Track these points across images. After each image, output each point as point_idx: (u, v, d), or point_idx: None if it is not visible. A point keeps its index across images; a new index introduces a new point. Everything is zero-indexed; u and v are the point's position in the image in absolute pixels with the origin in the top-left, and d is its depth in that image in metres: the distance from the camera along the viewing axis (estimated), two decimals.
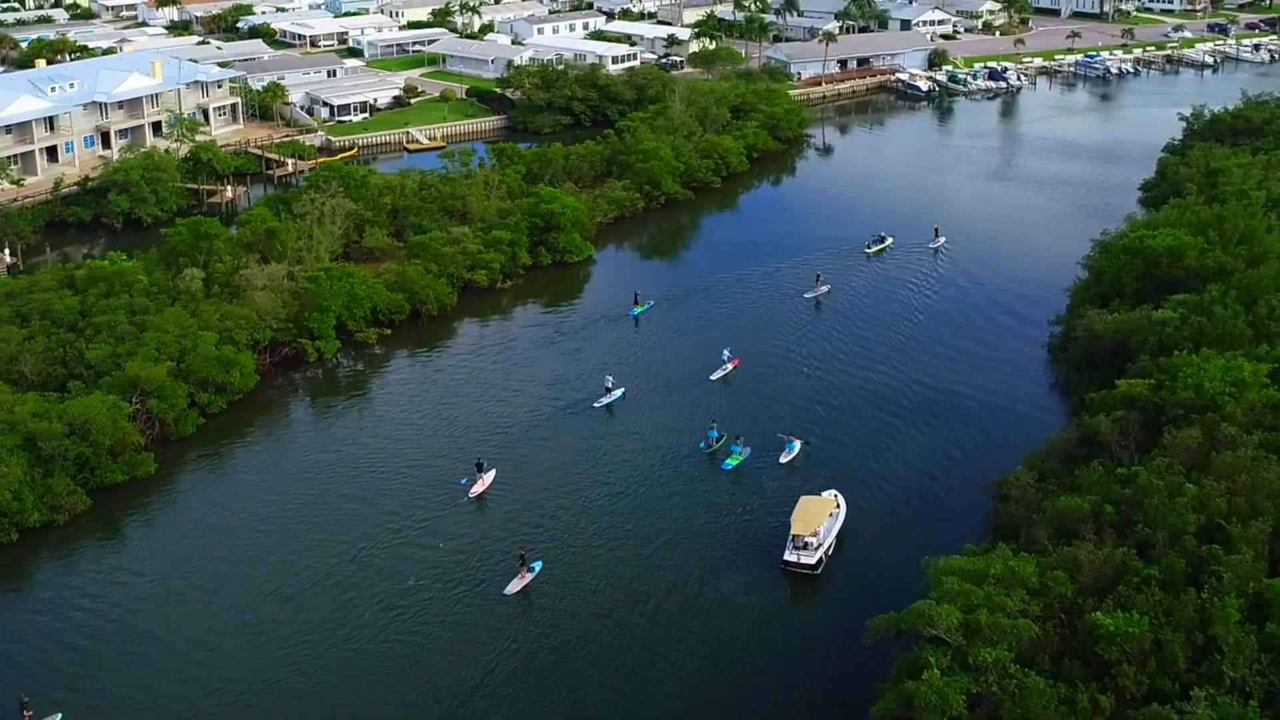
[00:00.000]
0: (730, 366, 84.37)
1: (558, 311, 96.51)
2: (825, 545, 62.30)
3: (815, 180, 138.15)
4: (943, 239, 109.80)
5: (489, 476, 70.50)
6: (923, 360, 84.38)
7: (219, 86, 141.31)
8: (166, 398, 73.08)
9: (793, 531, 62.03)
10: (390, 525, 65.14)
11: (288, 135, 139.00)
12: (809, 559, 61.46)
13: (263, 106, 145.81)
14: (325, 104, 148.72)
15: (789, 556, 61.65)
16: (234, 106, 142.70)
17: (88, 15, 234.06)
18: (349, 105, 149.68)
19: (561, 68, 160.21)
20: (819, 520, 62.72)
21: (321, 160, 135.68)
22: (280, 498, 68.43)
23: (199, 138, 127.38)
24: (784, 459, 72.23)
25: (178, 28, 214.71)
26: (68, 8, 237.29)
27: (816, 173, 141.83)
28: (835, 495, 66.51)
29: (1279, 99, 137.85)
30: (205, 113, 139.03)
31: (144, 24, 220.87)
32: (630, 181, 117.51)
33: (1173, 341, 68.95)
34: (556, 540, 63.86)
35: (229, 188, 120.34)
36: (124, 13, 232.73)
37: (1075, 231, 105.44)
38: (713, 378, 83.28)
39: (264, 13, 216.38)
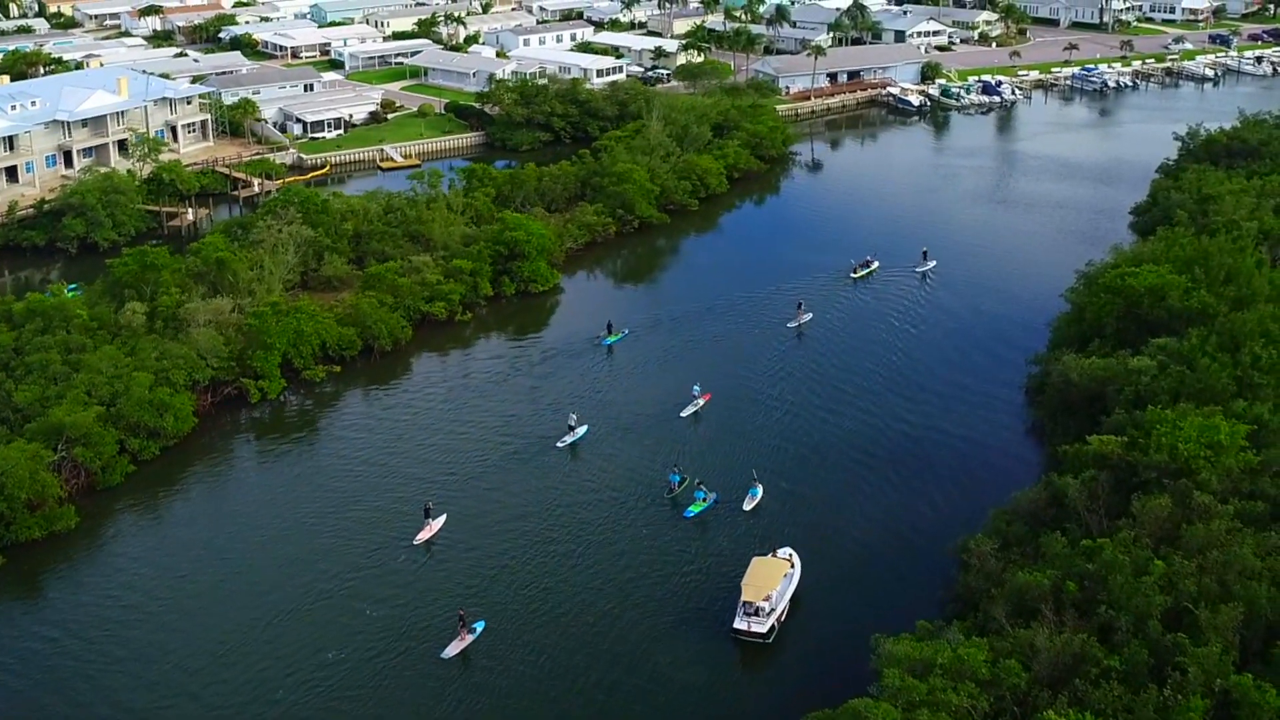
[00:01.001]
0: (701, 402, 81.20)
1: (521, 344, 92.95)
2: (778, 611, 58.85)
3: (800, 200, 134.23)
4: (932, 262, 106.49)
5: (437, 523, 67.30)
6: (898, 401, 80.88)
7: (188, 103, 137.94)
8: (94, 445, 69.59)
9: (743, 598, 58.52)
10: (326, 580, 61.76)
11: (258, 153, 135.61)
12: (760, 627, 57.97)
13: (233, 123, 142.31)
14: (298, 120, 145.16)
15: (739, 624, 58.15)
16: (204, 123, 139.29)
17: (70, 24, 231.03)
18: (323, 121, 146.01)
19: (543, 82, 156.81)
20: (772, 584, 59.21)
21: (290, 179, 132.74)
22: (207, 552, 64.87)
23: (164, 156, 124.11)
24: (748, 505, 69.14)
25: (160, 38, 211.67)
26: (50, 17, 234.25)
27: (802, 192, 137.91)
28: (790, 555, 62.96)
29: (1278, 117, 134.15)
30: (174, 130, 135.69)
31: (127, 33, 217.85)
32: (603, 205, 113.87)
33: (1150, 393, 65.31)
34: (502, 597, 60.59)
35: (190, 210, 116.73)
36: (108, 22, 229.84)
37: (1063, 258, 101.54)
38: (683, 414, 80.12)
39: (247, 22, 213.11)
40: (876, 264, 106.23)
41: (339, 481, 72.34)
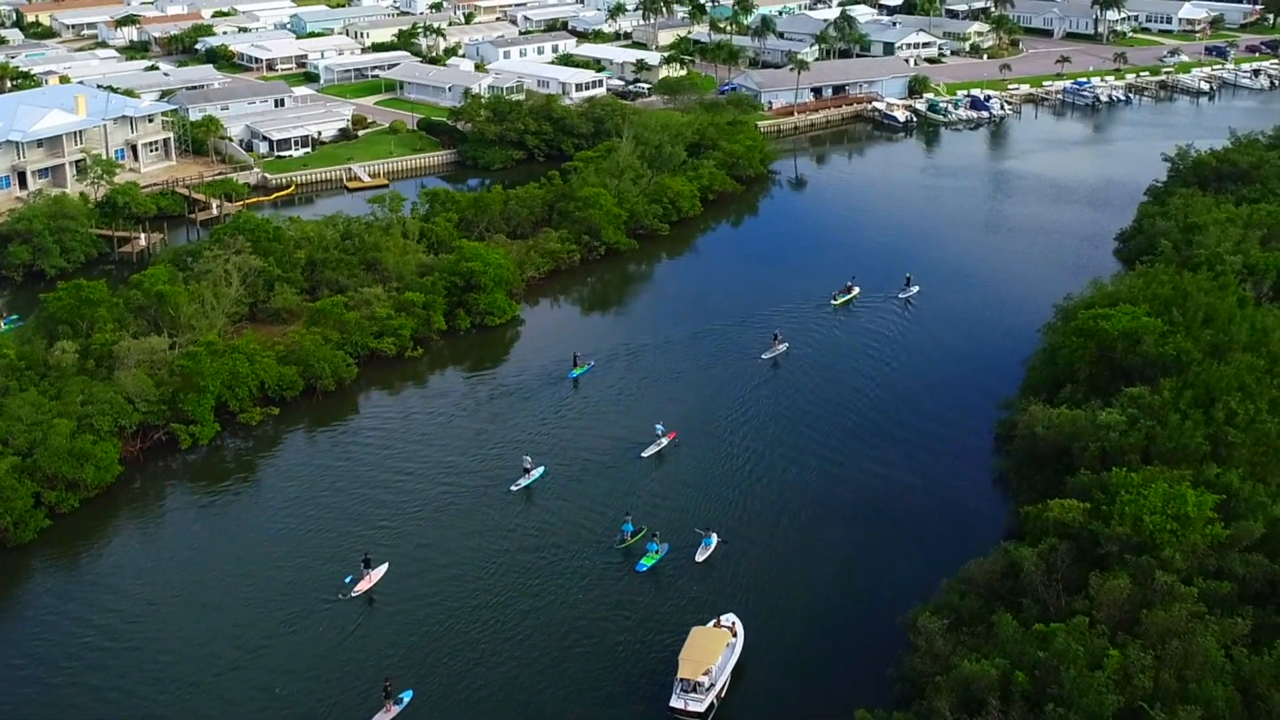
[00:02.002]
0: (665, 441, 77.83)
1: (475, 381, 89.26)
2: (718, 686, 55.21)
3: (779, 222, 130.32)
4: (914, 288, 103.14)
5: (378, 573, 64.05)
6: (865, 447, 77.30)
7: (149, 121, 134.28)
8: (5, 499, 65.95)
9: (680, 674, 54.85)
10: (240, 648, 58.13)
11: (221, 173, 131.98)
12: (697, 706, 54.30)
13: (198, 141, 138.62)
14: (264, 138, 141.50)
15: (675, 703, 54.44)
16: (166, 142, 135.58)
17: (48, 34, 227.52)
18: (290, 139, 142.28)
19: (518, 98, 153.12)
20: (711, 658, 55.54)
21: (253, 200, 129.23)
22: (115, 616, 61.11)
23: (124, 176, 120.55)
24: (700, 557, 65.77)
25: (136, 49, 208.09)
26: (27, 27, 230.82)
27: (781, 214, 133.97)
28: (734, 623, 59.27)
29: (1270, 137, 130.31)
30: (134, 149, 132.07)
31: (103, 44, 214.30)
32: (568, 231, 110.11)
33: (1118, 450, 61.59)
34: (434, 662, 57.25)
35: (143, 235, 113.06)
36: (85, 32, 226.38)
37: (1046, 287, 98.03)
38: (645, 454, 76.74)
39: (225, 33, 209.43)
40: (857, 289, 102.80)
41: (271, 532, 68.81)
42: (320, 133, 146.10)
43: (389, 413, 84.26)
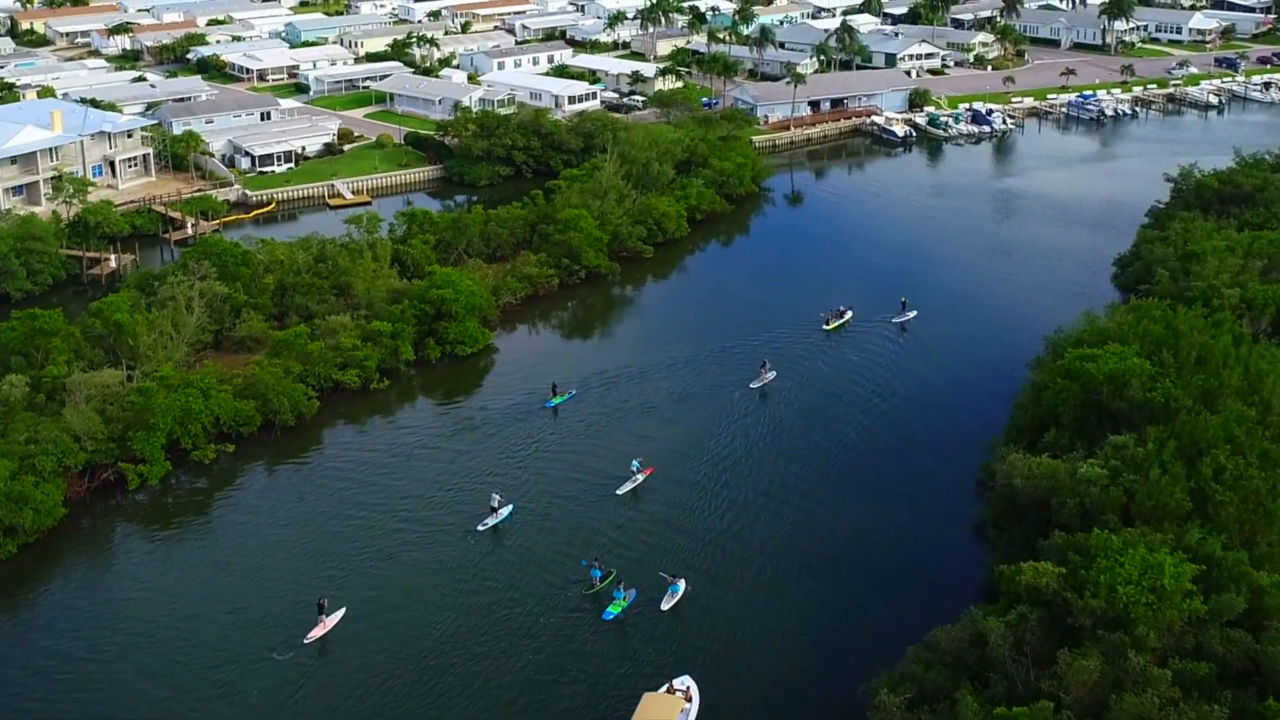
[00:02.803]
0: (641, 478, 75.10)
1: (444, 414, 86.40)
2: None
3: (771, 242, 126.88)
4: (911, 313, 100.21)
5: (333, 619, 61.54)
6: (845, 490, 74.22)
7: (128, 136, 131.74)
8: None
9: None
10: (192, 690, 55.89)
11: (200, 189, 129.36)
12: None
13: (178, 156, 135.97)
14: (247, 153, 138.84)
15: None
16: (145, 157, 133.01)
17: (42, 42, 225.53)
18: (272, 154, 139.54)
19: (510, 111, 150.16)
20: None
21: (232, 218, 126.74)
22: (54, 663, 58.56)
23: (103, 193, 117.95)
24: (666, 605, 63.01)
25: (129, 58, 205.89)
26: (22, 34, 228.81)
27: (773, 233, 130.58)
28: (688, 687, 56.29)
29: (1277, 156, 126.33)
30: (112, 165, 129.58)
31: (96, 52, 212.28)
32: (548, 254, 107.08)
33: (1098, 507, 58.29)
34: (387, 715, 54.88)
35: (113, 256, 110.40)
36: (79, 40, 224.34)
37: (1043, 315, 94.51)
38: (620, 491, 74.04)
39: (218, 41, 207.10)
40: (850, 314, 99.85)
41: (221, 576, 66.12)
42: (304, 147, 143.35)
43: (351, 448, 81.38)
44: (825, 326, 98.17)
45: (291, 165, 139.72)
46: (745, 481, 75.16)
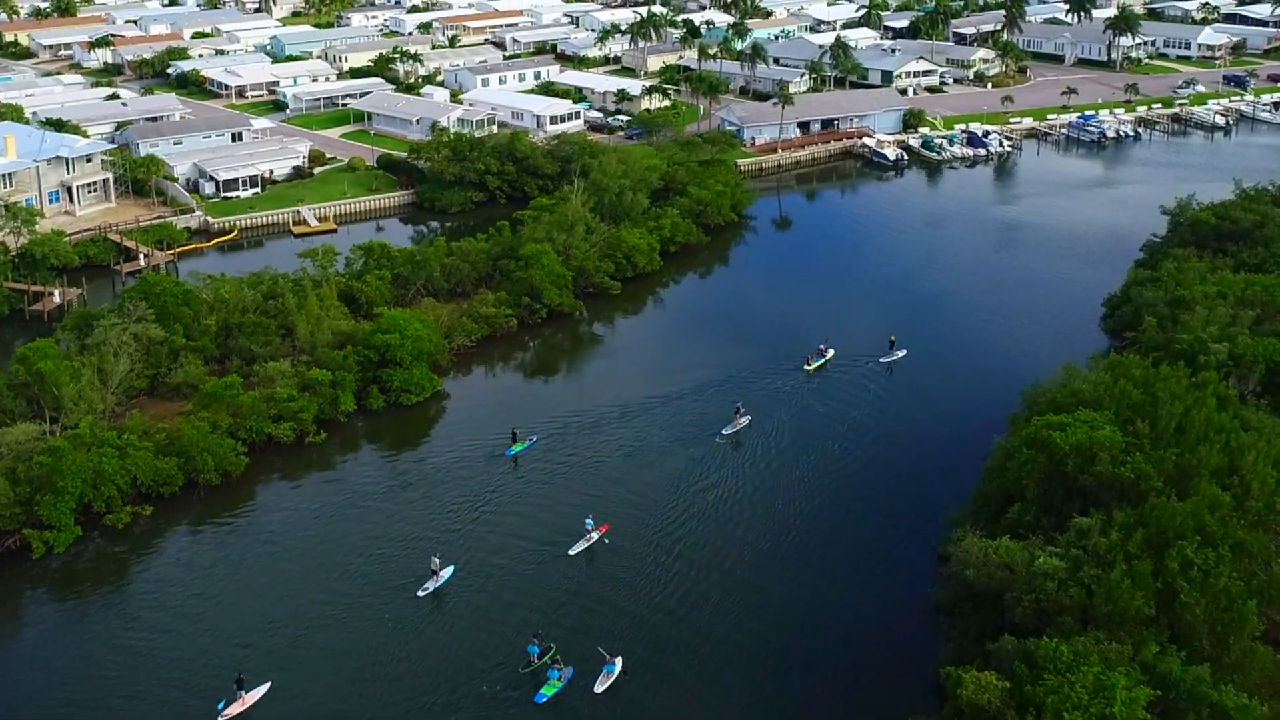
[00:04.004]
0: (595, 536, 70.99)
1: (386, 468, 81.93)
2: None
3: (750, 275, 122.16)
4: (900, 352, 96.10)
5: (254, 695, 58.03)
6: (802, 562, 69.61)
7: (87, 161, 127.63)
8: None
9: None
10: None
11: (160, 216, 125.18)
12: None
13: (139, 182, 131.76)
14: (211, 177, 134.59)
15: None
16: (105, 182, 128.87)
17: (25, 54, 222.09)
18: (237, 179, 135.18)
19: (491, 130, 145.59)
20: None
21: (190, 247, 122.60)
22: None
23: (58, 221, 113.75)
24: (600, 687, 58.97)
25: (110, 72, 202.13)
26: (5, 46, 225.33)
27: (753, 264, 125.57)
28: None
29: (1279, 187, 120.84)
30: (70, 191, 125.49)
31: (78, 65, 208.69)
32: (508, 292, 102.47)
33: (1054, 608, 53.42)
34: None
35: (57, 291, 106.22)
36: (62, 52, 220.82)
37: (1030, 362, 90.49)
38: (572, 551, 70.03)
39: (200, 55, 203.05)
40: (832, 352, 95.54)
41: (131, 651, 62.26)
42: (273, 171, 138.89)
43: (281, 508, 76.86)
44: (806, 367, 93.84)
45: (258, 190, 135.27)
46: (700, 549, 70.68)
